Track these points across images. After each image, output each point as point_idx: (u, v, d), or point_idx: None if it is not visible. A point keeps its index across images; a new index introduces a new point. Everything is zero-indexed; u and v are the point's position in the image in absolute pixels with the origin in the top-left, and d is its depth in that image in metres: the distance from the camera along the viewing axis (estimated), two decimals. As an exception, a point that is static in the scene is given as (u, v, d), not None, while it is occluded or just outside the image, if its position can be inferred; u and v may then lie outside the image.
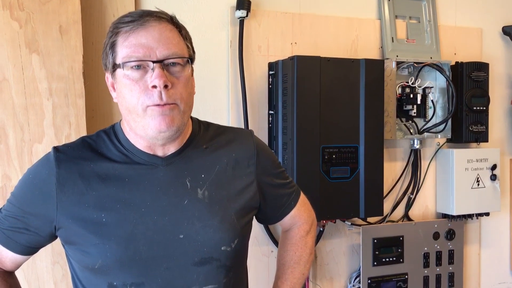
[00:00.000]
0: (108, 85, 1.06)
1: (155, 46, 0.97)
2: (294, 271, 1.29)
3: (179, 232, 1.03)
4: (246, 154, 1.15)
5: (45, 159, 1.06)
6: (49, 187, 1.02)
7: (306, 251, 1.30)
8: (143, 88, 0.97)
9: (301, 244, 1.30)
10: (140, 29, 0.98)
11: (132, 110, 0.99)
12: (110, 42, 1.00)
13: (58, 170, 1.03)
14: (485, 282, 2.33)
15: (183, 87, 1.00)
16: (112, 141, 1.07)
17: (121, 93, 1.00)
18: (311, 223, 1.32)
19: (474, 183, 2.13)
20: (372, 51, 2.05)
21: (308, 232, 1.31)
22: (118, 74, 0.99)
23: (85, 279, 1.05)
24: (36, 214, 1.04)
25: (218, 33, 1.85)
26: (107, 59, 1.01)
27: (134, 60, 0.96)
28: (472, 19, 2.27)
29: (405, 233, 2.06)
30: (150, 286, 1.01)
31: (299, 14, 1.94)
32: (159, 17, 1.00)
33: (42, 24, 1.51)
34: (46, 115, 1.52)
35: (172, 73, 0.99)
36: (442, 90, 2.08)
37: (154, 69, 0.96)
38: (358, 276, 2.01)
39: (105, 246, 0.99)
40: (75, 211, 1.01)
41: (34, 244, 1.08)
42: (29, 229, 1.05)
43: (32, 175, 1.06)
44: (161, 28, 0.99)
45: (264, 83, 1.89)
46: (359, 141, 1.83)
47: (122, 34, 0.99)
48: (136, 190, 1.03)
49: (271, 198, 1.20)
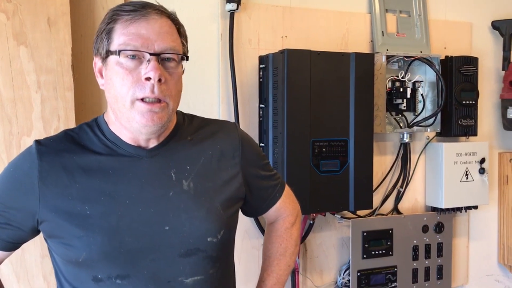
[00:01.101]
0: (95, 70, 1.05)
1: (154, 39, 0.97)
2: (280, 262, 1.29)
3: (164, 223, 1.03)
4: (231, 145, 1.15)
5: (27, 152, 1.05)
6: (31, 180, 1.01)
7: (291, 243, 1.31)
8: (136, 79, 0.97)
9: (287, 235, 1.30)
10: (142, 20, 0.98)
11: (119, 99, 0.98)
12: (107, 28, 1.00)
13: (40, 162, 1.02)
14: (473, 274, 2.35)
15: (175, 84, 1.01)
16: (95, 134, 1.07)
17: (111, 80, 0.99)
18: (296, 215, 1.32)
19: (463, 176, 2.15)
20: (362, 45, 2.06)
21: (293, 224, 1.31)
22: (111, 61, 0.99)
23: (69, 273, 1.05)
24: (18, 208, 1.03)
25: (209, 26, 1.84)
26: (100, 44, 1.01)
27: (131, 49, 0.96)
28: (462, 14, 2.28)
29: (395, 226, 2.07)
30: (135, 278, 1.01)
31: (289, 7, 1.94)
32: (160, 11, 1.01)
33: (30, 16, 1.50)
34: (34, 108, 1.51)
35: (166, 68, 0.99)
36: (432, 84, 2.09)
37: (150, 61, 0.96)
38: (348, 269, 2.03)
39: (90, 239, 0.99)
40: (58, 204, 1.00)
41: (16, 240, 1.07)
42: (11, 224, 1.04)
43: (14, 168, 1.05)
44: (162, 22, 1.00)
45: (255, 76, 1.89)
46: (349, 134, 1.83)
47: (121, 22, 0.98)
48: (121, 182, 1.03)
49: (256, 190, 1.20)
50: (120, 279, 1.01)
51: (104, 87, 1.04)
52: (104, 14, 1.65)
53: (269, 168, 1.25)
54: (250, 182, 1.18)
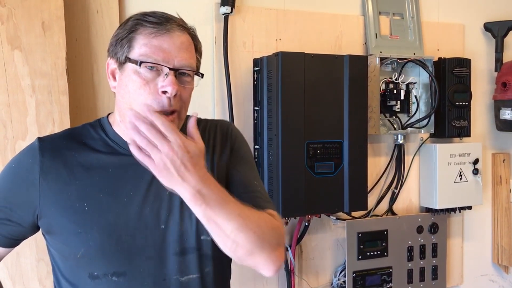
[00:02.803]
0: (107, 71, 1.07)
1: (175, 54, 1.01)
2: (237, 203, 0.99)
3: (160, 222, 1.05)
4: (223, 143, 1.16)
5: (29, 148, 1.07)
6: (32, 175, 1.03)
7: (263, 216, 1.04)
8: (153, 90, 0.99)
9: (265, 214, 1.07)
10: (166, 35, 1.01)
11: (134, 106, 1.00)
12: (128, 36, 1.02)
13: (42, 158, 1.04)
14: (467, 275, 2.36)
15: (187, 97, 1.05)
16: (97, 133, 1.09)
17: (127, 87, 1.01)
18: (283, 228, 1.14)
19: (456, 177, 2.16)
20: (356, 47, 2.07)
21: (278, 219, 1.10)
22: (129, 68, 1.01)
23: (66, 270, 1.07)
24: (18, 204, 1.04)
25: (203, 29, 1.84)
26: (120, 50, 1.02)
27: (152, 61, 0.99)
28: (455, 15, 2.29)
29: (389, 227, 2.08)
30: (131, 275, 1.03)
31: (283, 10, 1.95)
32: (183, 27, 1.04)
33: (24, 20, 1.50)
34: (29, 112, 1.51)
35: (182, 82, 1.03)
36: (425, 85, 2.11)
37: (168, 75, 0.99)
38: (343, 270, 2.03)
39: (88, 235, 1.01)
40: (57, 200, 1.02)
41: (16, 236, 1.08)
42: (11, 220, 1.05)
43: (15, 164, 1.07)
44: (184, 39, 1.03)
45: (249, 79, 1.90)
46: (343, 136, 1.84)
47: (145, 34, 1.01)
48: (120, 180, 1.05)
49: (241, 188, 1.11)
50: (116, 276, 1.03)
51: (116, 90, 1.06)
52: (98, 18, 1.67)
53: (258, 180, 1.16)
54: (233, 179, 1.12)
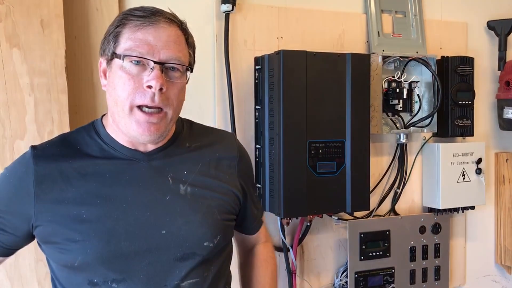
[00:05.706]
0: (99, 71, 1.05)
1: (160, 47, 0.97)
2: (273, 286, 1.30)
3: (161, 227, 1.02)
4: (229, 155, 1.16)
5: (23, 157, 1.05)
6: (26, 184, 1.01)
7: (274, 268, 1.33)
8: (138, 85, 0.96)
9: (271, 260, 1.32)
10: (150, 27, 0.98)
11: (119, 103, 0.98)
12: (115, 31, 1.00)
13: (36, 167, 1.01)
14: (470, 275, 2.35)
15: (176, 94, 1.01)
16: (91, 137, 1.07)
17: (113, 83, 0.99)
18: (271, 242, 1.37)
19: (459, 177, 2.15)
20: (358, 45, 2.05)
21: (273, 251, 1.35)
22: (115, 64, 0.99)
23: (64, 278, 1.04)
24: (13, 213, 1.02)
25: (204, 27, 1.83)
26: (107, 46, 1.01)
27: (136, 55, 0.96)
28: (458, 14, 2.27)
29: (392, 227, 2.06)
30: (131, 281, 1.01)
31: (285, 8, 1.93)
32: (170, 20, 1.01)
33: (22, 18, 1.48)
34: (28, 111, 1.49)
35: (170, 77, 0.99)
36: (428, 84, 2.09)
37: (153, 69, 0.96)
38: (345, 271, 2.02)
39: (86, 243, 0.98)
40: (53, 208, 1.00)
41: (10, 245, 1.07)
42: (5, 229, 1.03)
43: (9, 173, 1.05)
44: (171, 31, 1.00)
45: (251, 77, 1.88)
46: (345, 135, 1.82)
47: (130, 27, 0.98)
48: (117, 185, 1.02)
49: (248, 205, 1.22)
50: (116, 283, 1.00)
51: (106, 88, 1.04)
52: (98, 15, 1.66)
53: (255, 190, 1.29)
54: (246, 193, 1.20)
